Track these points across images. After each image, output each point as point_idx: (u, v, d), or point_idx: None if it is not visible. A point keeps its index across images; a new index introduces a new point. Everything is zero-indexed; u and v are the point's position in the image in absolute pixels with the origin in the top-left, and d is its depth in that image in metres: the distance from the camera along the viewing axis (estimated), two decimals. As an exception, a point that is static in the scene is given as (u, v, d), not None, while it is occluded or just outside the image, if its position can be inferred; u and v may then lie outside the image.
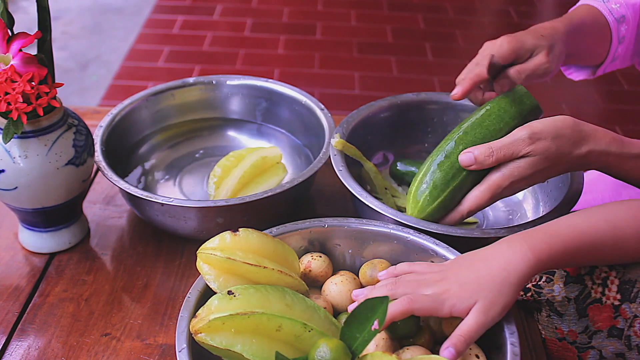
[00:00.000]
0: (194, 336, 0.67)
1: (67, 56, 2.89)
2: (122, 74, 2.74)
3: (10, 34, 0.86)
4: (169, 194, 1.08)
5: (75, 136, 0.91)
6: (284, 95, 1.17)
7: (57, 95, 0.87)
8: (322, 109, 1.10)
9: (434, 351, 0.73)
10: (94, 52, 2.93)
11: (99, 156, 0.99)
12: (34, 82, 0.83)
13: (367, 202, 0.88)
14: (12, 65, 0.83)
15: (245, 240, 0.75)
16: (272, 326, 0.67)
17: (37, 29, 0.87)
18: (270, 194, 0.92)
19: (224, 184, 1.04)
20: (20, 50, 0.84)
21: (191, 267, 0.97)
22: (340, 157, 0.96)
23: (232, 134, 1.21)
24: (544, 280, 0.84)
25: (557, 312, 0.83)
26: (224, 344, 0.66)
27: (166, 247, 1.00)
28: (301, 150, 1.16)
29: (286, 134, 1.19)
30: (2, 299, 0.91)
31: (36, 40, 0.86)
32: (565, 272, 0.83)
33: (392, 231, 0.83)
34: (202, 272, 0.74)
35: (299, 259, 0.81)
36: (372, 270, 0.80)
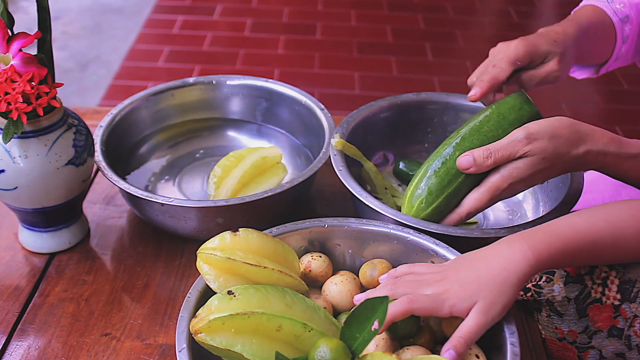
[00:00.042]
0: (194, 336, 0.67)
1: (67, 56, 2.89)
2: (122, 74, 2.74)
3: (10, 34, 0.86)
4: (169, 194, 1.08)
5: (75, 136, 0.91)
6: (284, 95, 1.17)
7: (57, 95, 0.87)
8: (322, 109, 1.10)
9: (434, 351, 0.73)
10: (94, 52, 2.93)
11: (99, 156, 0.99)
12: (34, 82, 0.83)
13: (367, 202, 0.88)
14: (12, 65, 0.83)
15: (245, 240, 0.75)
16: (272, 326, 0.67)
17: (37, 29, 0.87)
18: (270, 194, 0.92)
19: (224, 184, 1.04)
20: (20, 50, 0.84)
21: (191, 267, 0.97)
22: (340, 157, 0.96)
23: (232, 134, 1.21)
24: (544, 280, 0.84)
25: (557, 312, 0.83)
26: (224, 344, 0.66)
27: (166, 247, 1.00)
28: (301, 150, 1.16)
29: (286, 134, 1.19)
30: (2, 299, 0.91)
31: (36, 40, 0.86)
32: (565, 272, 0.83)
33: (392, 231, 0.83)
34: (202, 272, 0.74)
35: (299, 259, 0.81)
36: (372, 270, 0.80)
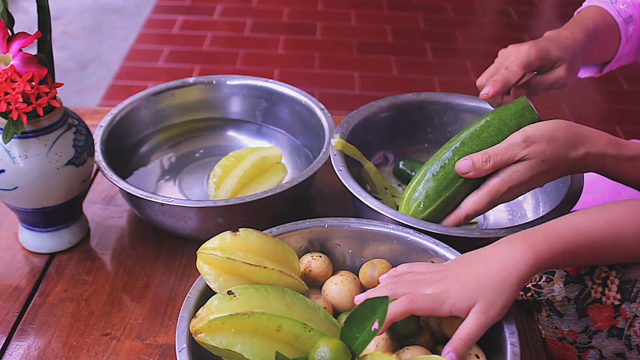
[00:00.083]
0: (194, 336, 0.67)
1: (67, 56, 2.89)
2: (122, 74, 2.74)
3: (10, 34, 0.86)
4: (169, 194, 1.08)
5: (75, 136, 0.91)
6: (284, 95, 1.17)
7: (57, 95, 0.87)
8: (322, 109, 1.10)
9: (434, 351, 0.73)
10: (94, 52, 2.93)
11: (99, 156, 0.99)
12: (34, 82, 0.83)
13: (367, 202, 0.88)
14: (12, 65, 0.83)
15: (245, 240, 0.75)
16: (272, 326, 0.67)
17: (37, 29, 0.87)
18: (270, 194, 0.92)
19: (224, 184, 1.04)
20: (20, 50, 0.84)
21: (191, 267, 0.97)
22: (340, 157, 0.96)
23: (232, 134, 1.21)
24: (544, 280, 0.84)
25: (557, 312, 0.83)
26: (224, 344, 0.66)
27: (166, 247, 1.00)
28: (301, 150, 1.16)
29: (286, 134, 1.19)
30: (2, 299, 0.91)
31: (36, 40, 0.86)
32: (565, 272, 0.83)
33: (392, 231, 0.83)
34: (202, 272, 0.74)
35: (299, 259, 0.81)
36: (372, 270, 0.80)
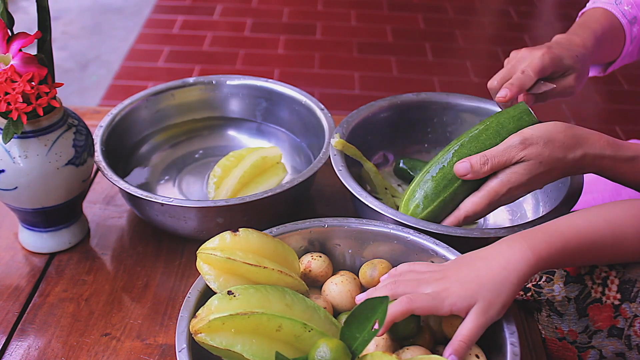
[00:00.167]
0: (194, 336, 0.67)
1: (67, 56, 2.89)
2: (122, 74, 2.74)
3: (10, 34, 0.86)
4: (169, 194, 1.08)
5: (75, 136, 0.91)
6: (284, 95, 1.17)
7: (57, 95, 0.87)
8: (322, 109, 1.10)
9: (434, 351, 0.73)
10: (94, 52, 2.93)
11: (99, 156, 0.99)
12: (34, 82, 0.83)
13: (367, 202, 0.88)
14: (12, 65, 0.83)
15: (245, 240, 0.75)
16: (272, 326, 0.67)
17: (37, 29, 0.87)
18: (270, 194, 0.92)
19: (224, 184, 1.04)
20: (20, 50, 0.84)
21: (191, 267, 0.97)
22: (340, 157, 0.96)
23: (232, 133, 1.21)
24: (544, 280, 0.84)
25: (557, 311, 0.83)
26: (224, 344, 0.66)
27: (166, 247, 1.00)
28: (301, 150, 1.16)
29: (286, 133, 1.19)
30: (2, 299, 0.91)
31: (36, 40, 0.86)
32: (565, 272, 0.83)
33: (392, 231, 0.83)
34: (202, 272, 0.74)
35: (299, 259, 0.81)
36: (372, 270, 0.80)
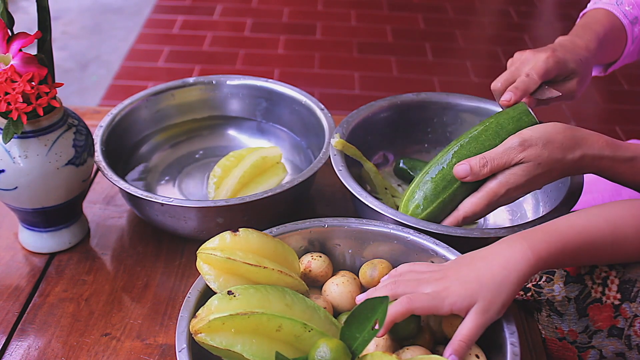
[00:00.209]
0: (194, 336, 0.67)
1: (67, 56, 2.88)
2: (122, 74, 2.74)
3: (10, 34, 0.86)
4: (169, 194, 1.08)
5: (75, 136, 0.91)
6: (284, 95, 1.17)
7: (57, 95, 0.87)
8: (322, 109, 1.10)
9: (434, 351, 0.73)
10: (94, 52, 2.93)
11: (99, 156, 0.99)
12: (34, 82, 0.83)
13: (367, 202, 0.88)
14: (12, 65, 0.83)
15: (245, 240, 0.75)
16: (272, 326, 0.67)
17: (37, 29, 0.87)
18: (270, 194, 0.92)
19: (224, 184, 1.04)
20: (20, 50, 0.84)
21: (191, 267, 0.97)
22: (340, 157, 0.96)
23: (232, 133, 1.21)
24: (544, 280, 0.84)
25: (557, 311, 0.83)
26: (224, 344, 0.66)
27: (166, 247, 1.00)
28: (301, 149, 1.16)
29: (286, 132, 1.19)
30: (2, 299, 0.91)
31: (36, 40, 0.86)
32: (565, 272, 0.83)
33: (392, 231, 0.83)
34: (202, 272, 0.74)
35: (299, 259, 0.81)
36: (372, 270, 0.80)
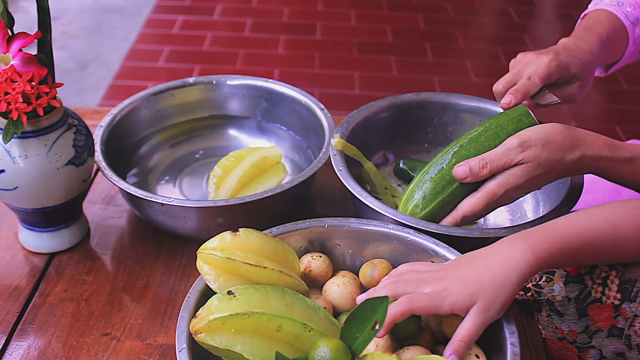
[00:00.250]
0: (194, 336, 0.67)
1: (67, 56, 2.88)
2: (122, 74, 2.74)
3: (10, 34, 0.86)
4: (169, 194, 1.08)
5: (75, 136, 0.91)
6: (284, 95, 1.17)
7: (57, 95, 0.87)
8: (322, 109, 1.10)
9: (434, 351, 0.73)
10: (94, 52, 2.93)
11: (99, 156, 0.99)
12: (34, 82, 0.83)
13: (367, 202, 0.88)
14: (12, 65, 0.83)
15: (245, 240, 0.75)
16: (272, 326, 0.67)
17: (37, 29, 0.87)
18: (270, 194, 0.92)
19: (224, 184, 1.04)
20: (20, 50, 0.84)
21: (191, 267, 0.97)
22: (340, 157, 0.96)
23: (232, 133, 1.21)
24: (544, 280, 0.84)
25: (557, 311, 0.83)
26: (224, 344, 0.66)
27: (166, 247, 1.00)
28: (301, 149, 1.16)
29: (287, 131, 1.19)
30: (2, 299, 0.91)
31: (36, 40, 0.86)
32: (565, 272, 0.83)
33: (392, 231, 0.83)
34: (202, 272, 0.74)
35: (299, 259, 0.81)
36: (372, 270, 0.80)
